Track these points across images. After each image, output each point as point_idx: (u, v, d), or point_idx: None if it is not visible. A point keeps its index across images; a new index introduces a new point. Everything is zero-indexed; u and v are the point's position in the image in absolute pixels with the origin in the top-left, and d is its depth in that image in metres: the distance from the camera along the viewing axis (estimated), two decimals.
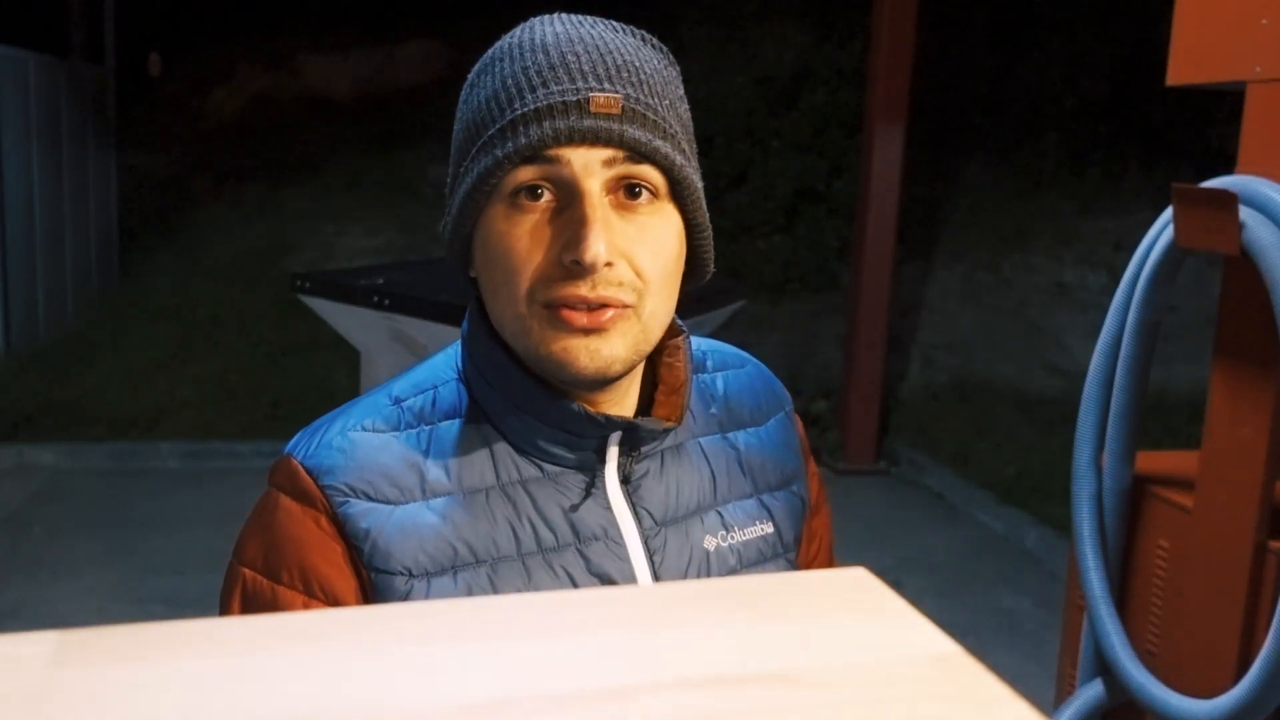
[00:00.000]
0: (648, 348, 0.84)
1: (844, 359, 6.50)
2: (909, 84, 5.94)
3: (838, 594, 0.52)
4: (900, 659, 0.45)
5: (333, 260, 8.06)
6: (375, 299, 3.52)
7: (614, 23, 0.86)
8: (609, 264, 0.79)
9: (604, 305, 0.79)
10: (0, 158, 6.67)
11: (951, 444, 6.24)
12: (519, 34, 0.85)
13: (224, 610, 0.87)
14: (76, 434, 6.13)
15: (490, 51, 0.86)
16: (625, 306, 0.80)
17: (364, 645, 0.44)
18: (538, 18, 0.85)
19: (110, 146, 8.65)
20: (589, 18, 0.86)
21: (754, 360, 1.05)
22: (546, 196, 0.80)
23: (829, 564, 1.08)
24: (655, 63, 0.85)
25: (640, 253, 0.81)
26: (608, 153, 0.79)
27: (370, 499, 0.84)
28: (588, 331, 0.80)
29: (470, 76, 0.87)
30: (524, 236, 0.80)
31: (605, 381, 0.83)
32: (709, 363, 1.01)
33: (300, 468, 0.86)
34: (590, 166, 0.79)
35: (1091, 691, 2.03)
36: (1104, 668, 2.00)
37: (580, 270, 0.78)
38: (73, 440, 6.07)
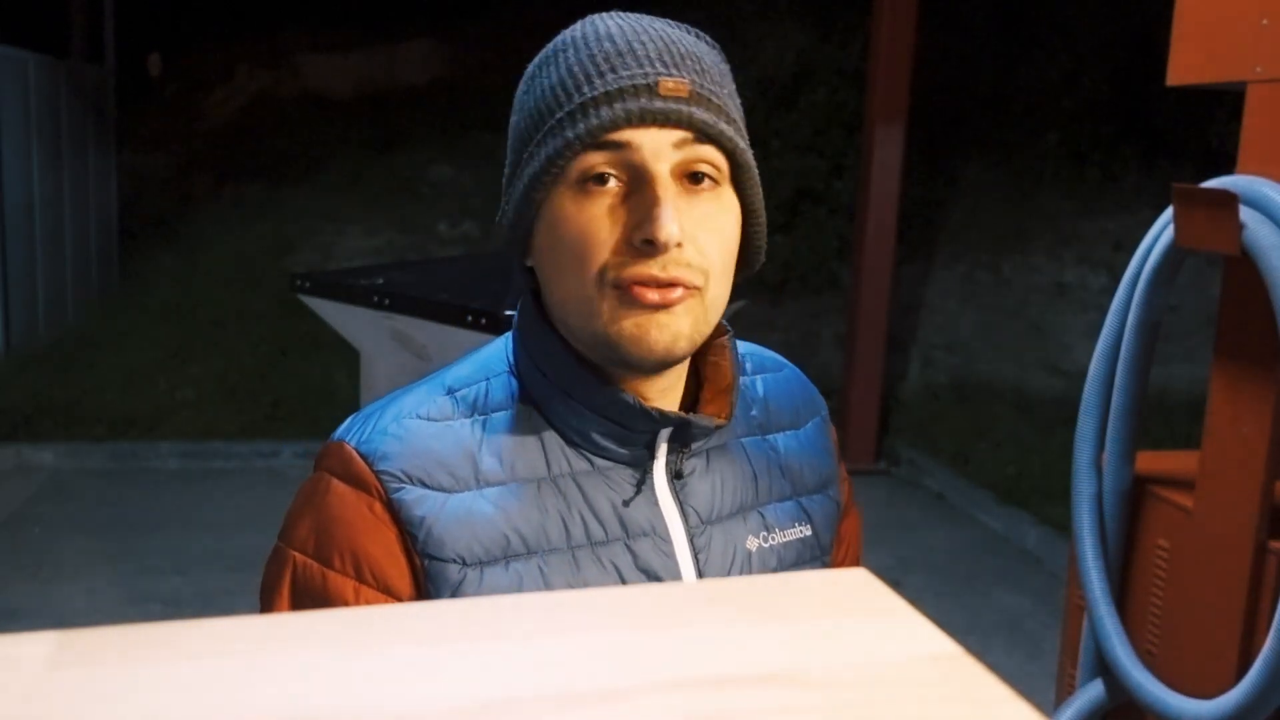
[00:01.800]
0: (707, 331, 0.86)
1: (844, 359, 6.50)
2: (909, 84, 5.94)
3: (838, 594, 0.52)
4: (900, 659, 0.45)
5: (333, 260, 8.06)
6: (375, 299, 3.52)
7: (669, 20, 0.89)
8: (679, 244, 0.80)
9: (673, 284, 0.81)
10: (0, 158, 6.67)
11: (951, 444, 6.24)
12: (579, 28, 0.86)
13: (271, 594, 0.86)
14: (76, 434, 6.13)
15: (549, 46, 0.88)
16: (693, 288, 0.82)
17: (364, 645, 0.44)
18: (595, 15, 0.88)
19: (110, 146, 8.65)
20: (645, 15, 0.88)
21: (791, 365, 1.07)
22: (613, 182, 0.81)
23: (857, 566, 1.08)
24: (713, 56, 0.87)
25: (705, 237, 0.82)
26: (676, 135, 0.80)
27: (425, 486, 0.84)
28: (658, 308, 0.81)
29: (529, 69, 0.89)
30: (594, 219, 0.81)
31: (669, 363, 0.84)
32: (748, 365, 1.02)
33: (354, 453, 0.86)
34: (660, 151, 0.80)
35: (1091, 691, 2.03)
36: (1104, 668, 2.00)
37: (652, 250, 0.79)
38: (73, 440, 6.07)
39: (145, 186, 9.09)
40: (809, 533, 0.97)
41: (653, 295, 0.81)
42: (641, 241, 0.79)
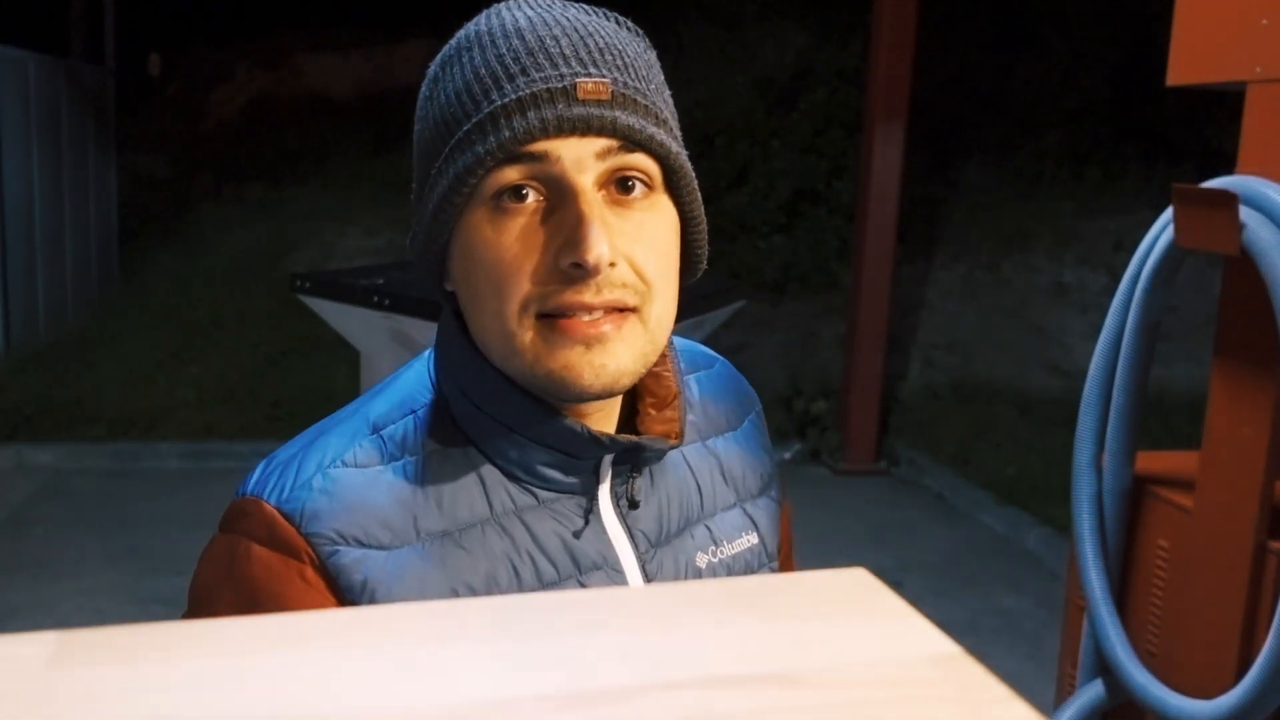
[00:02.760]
0: (654, 354, 0.78)
1: (844, 359, 6.50)
2: (909, 84, 5.94)
3: (838, 594, 0.52)
4: (900, 659, 0.45)
5: (333, 260, 8.06)
6: (375, 299, 3.52)
7: (585, 5, 0.79)
8: (612, 264, 0.72)
9: (609, 310, 0.73)
10: (0, 158, 6.67)
11: (951, 444, 6.24)
12: (484, 21, 0.77)
13: None
14: (76, 434, 6.13)
15: (453, 42, 0.79)
16: (630, 310, 0.74)
17: (363, 645, 0.44)
18: (503, 3, 0.78)
19: (110, 146, 8.65)
20: (559, 2, 0.78)
21: (721, 358, 1.00)
22: (533, 197, 0.73)
23: (789, 561, 1.03)
24: (636, 46, 0.78)
25: (639, 252, 0.74)
26: (600, 143, 0.72)
27: (362, 545, 0.75)
28: (589, 344, 0.73)
29: (432, 70, 0.80)
30: (513, 244, 0.73)
31: (611, 395, 0.77)
32: (681, 365, 0.93)
33: (276, 514, 0.76)
34: (582, 161, 0.72)
35: (1091, 691, 2.03)
36: (1104, 668, 2.00)
37: (582, 274, 0.71)
38: (73, 440, 6.07)
39: (145, 186, 9.09)
40: (755, 541, 0.91)
41: (581, 328, 0.73)
42: (569, 265, 0.71)
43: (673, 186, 0.77)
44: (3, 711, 0.37)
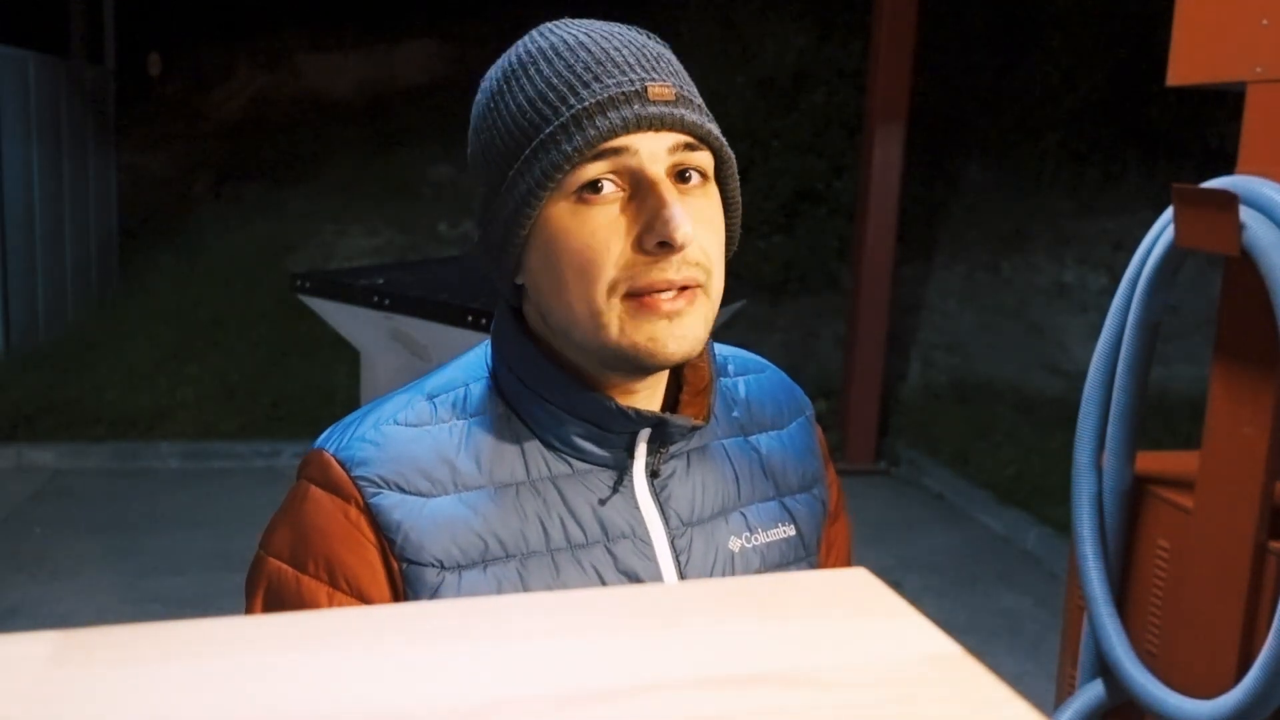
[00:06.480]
0: (712, 325, 0.87)
1: (844, 359, 6.50)
2: (909, 84, 5.94)
3: (838, 594, 0.52)
4: (900, 659, 0.45)
5: (333, 260, 8.06)
6: (375, 299, 3.52)
7: (620, 24, 0.88)
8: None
9: (685, 287, 0.81)
10: (0, 158, 6.67)
11: (951, 444, 6.24)
12: (541, 40, 0.85)
13: (249, 599, 0.88)
14: (76, 434, 6.13)
15: (508, 63, 0.86)
16: (700, 286, 0.83)
17: (364, 645, 0.44)
18: (547, 26, 0.87)
19: (110, 146, 8.64)
20: (597, 21, 0.87)
21: (774, 366, 1.07)
22: (610, 190, 0.81)
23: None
24: (675, 58, 0.88)
25: (703, 234, 0.83)
26: (670, 139, 0.81)
27: (402, 491, 0.85)
28: (670, 317, 0.81)
29: (491, 85, 0.87)
30: (597, 231, 0.81)
31: (681, 364, 0.86)
32: (730, 367, 1.02)
33: (333, 460, 0.87)
34: (656, 154, 0.81)
35: (1091, 691, 2.03)
36: (1104, 668, 2.00)
37: (668, 251, 0.80)
38: (73, 440, 6.07)
39: (145, 186, 9.09)
40: (793, 533, 0.97)
41: (667, 305, 0.81)
42: (655, 245, 0.79)
43: (722, 175, 0.87)
44: (3, 711, 0.37)
